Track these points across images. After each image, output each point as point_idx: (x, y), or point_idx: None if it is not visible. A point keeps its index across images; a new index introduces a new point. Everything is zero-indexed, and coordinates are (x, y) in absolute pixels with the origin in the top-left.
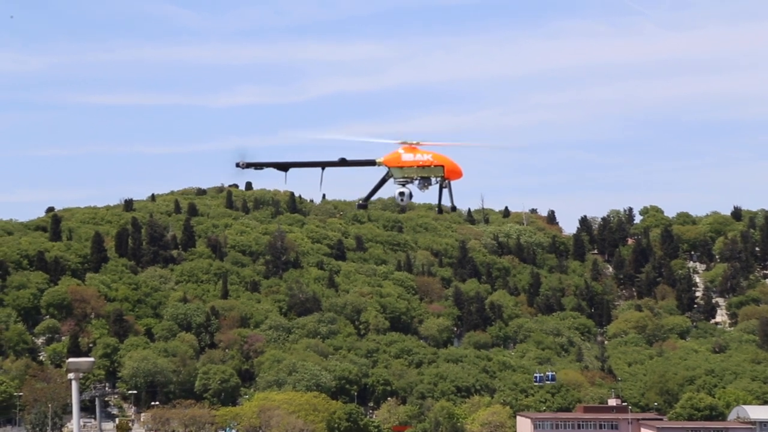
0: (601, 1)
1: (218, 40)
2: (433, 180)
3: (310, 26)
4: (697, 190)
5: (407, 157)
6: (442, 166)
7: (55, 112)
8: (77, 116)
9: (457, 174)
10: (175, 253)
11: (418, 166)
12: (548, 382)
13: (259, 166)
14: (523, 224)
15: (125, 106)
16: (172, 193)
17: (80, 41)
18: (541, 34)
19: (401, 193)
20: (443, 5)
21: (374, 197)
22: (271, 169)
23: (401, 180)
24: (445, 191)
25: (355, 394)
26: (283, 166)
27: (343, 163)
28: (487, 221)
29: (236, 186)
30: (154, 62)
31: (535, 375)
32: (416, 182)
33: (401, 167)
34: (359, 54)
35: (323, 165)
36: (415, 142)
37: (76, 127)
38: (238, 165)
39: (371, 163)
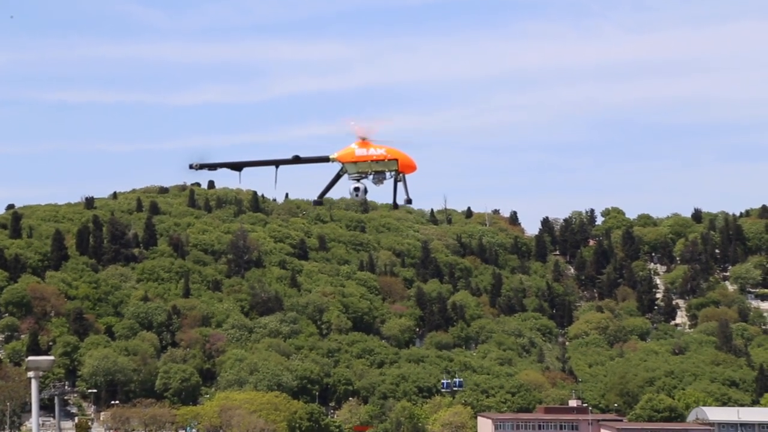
0: (563, 2)
1: (181, 38)
2: (388, 174)
3: (274, 25)
4: (658, 192)
5: (361, 152)
6: (396, 160)
7: (16, 109)
8: (38, 113)
9: (411, 167)
10: (136, 251)
11: (372, 161)
12: (456, 389)
13: (212, 166)
14: (486, 225)
15: (87, 103)
16: (133, 191)
17: (41, 37)
18: (504, 35)
19: (356, 189)
20: (407, 5)
21: (330, 194)
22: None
23: (355, 175)
24: (400, 185)
25: (317, 393)
26: (237, 166)
27: (296, 160)
28: (449, 222)
29: (198, 185)
30: (116, 59)
31: (442, 381)
32: (371, 177)
33: (355, 162)
34: (323, 53)
35: (277, 163)
36: (366, 138)
37: (36, 124)
38: (191, 166)
39: (325, 159)
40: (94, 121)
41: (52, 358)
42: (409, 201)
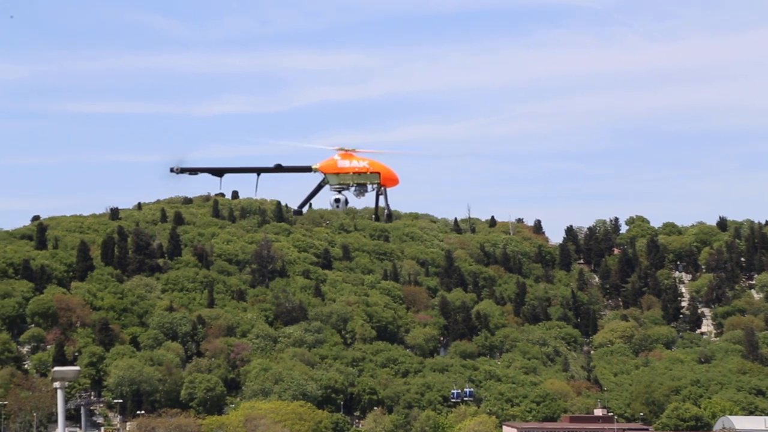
0: (584, 11)
1: (203, 49)
2: (369, 187)
3: (295, 35)
4: (682, 200)
5: (343, 163)
6: (379, 173)
7: (40, 121)
8: (62, 125)
9: (393, 181)
10: (161, 261)
11: (354, 173)
12: (466, 399)
13: (193, 171)
14: (510, 234)
15: (110, 114)
16: (158, 201)
17: (64, 49)
18: (526, 44)
19: (336, 200)
20: (427, 15)
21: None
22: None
23: (337, 187)
24: (381, 198)
25: (341, 403)
26: (218, 172)
27: (278, 169)
28: (473, 231)
29: (222, 195)
30: (138, 71)
31: (452, 392)
32: (352, 189)
33: (337, 174)
34: (344, 63)
35: (258, 171)
36: (350, 148)
37: (61, 135)
38: (172, 170)
39: (307, 169)
40: (118, 132)
41: (77, 368)
42: (389, 216)
